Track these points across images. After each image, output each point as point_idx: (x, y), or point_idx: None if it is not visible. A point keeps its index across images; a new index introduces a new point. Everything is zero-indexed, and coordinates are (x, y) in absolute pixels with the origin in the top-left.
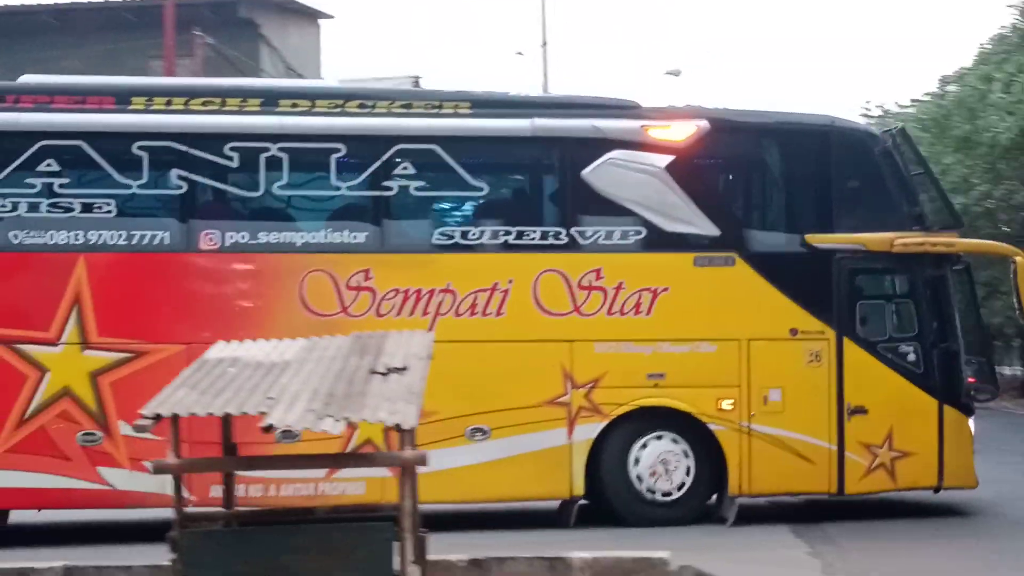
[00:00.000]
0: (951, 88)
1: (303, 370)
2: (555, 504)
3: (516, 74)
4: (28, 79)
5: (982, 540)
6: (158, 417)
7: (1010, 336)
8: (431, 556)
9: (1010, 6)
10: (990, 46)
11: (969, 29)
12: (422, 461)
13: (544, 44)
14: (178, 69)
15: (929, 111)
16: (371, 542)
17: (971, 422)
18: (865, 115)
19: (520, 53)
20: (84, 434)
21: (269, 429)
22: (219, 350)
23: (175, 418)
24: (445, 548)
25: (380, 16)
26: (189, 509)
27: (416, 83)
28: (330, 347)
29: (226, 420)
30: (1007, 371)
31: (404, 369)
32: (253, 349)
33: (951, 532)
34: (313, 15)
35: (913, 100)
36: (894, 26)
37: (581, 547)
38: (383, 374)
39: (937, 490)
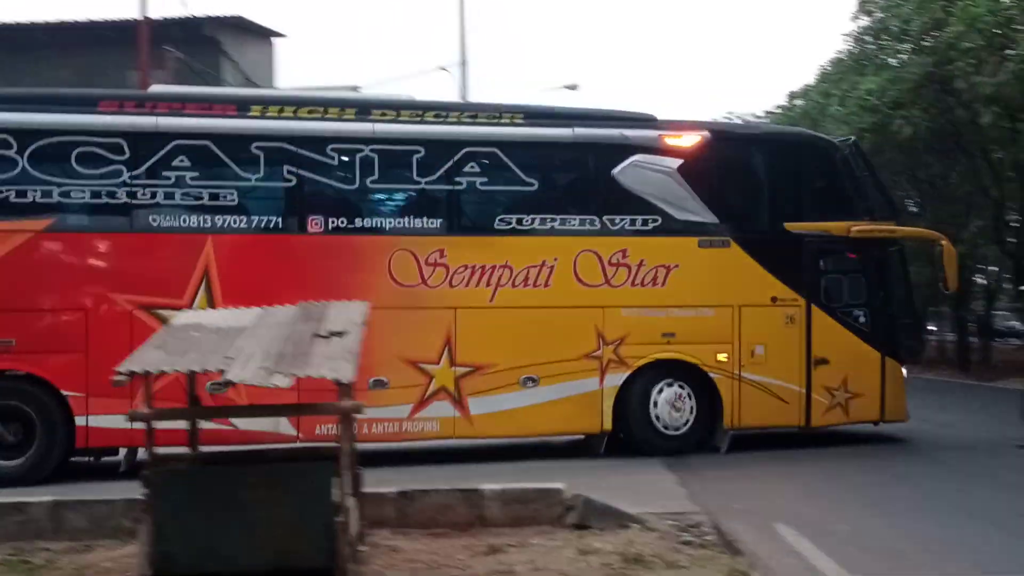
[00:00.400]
0: (798, 102)
1: (257, 334)
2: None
3: (442, 86)
4: (157, 88)
5: (828, 477)
6: (132, 374)
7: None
8: (366, 489)
9: (845, 35)
10: (829, 67)
11: (812, 53)
12: (358, 410)
13: (463, 63)
14: (151, 80)
15: (780, 121)
16: (314, 478)
17: (904, 370)
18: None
19: (444, 68)
20: (212, 384)
21: (227, 384)
22: (184, 317)
23: (147, 374)
24: (376, 483)
25: (325, 34)
26: (160, 451)
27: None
28: (280, 314)
29: (191, 376)
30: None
31: (343, 333)
32: (214, 316)
33: (803, 470)
34: (267, 34)
35: (766, 111)
36: (752, 46)
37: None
38: (325, 337)
39: (877, 423)
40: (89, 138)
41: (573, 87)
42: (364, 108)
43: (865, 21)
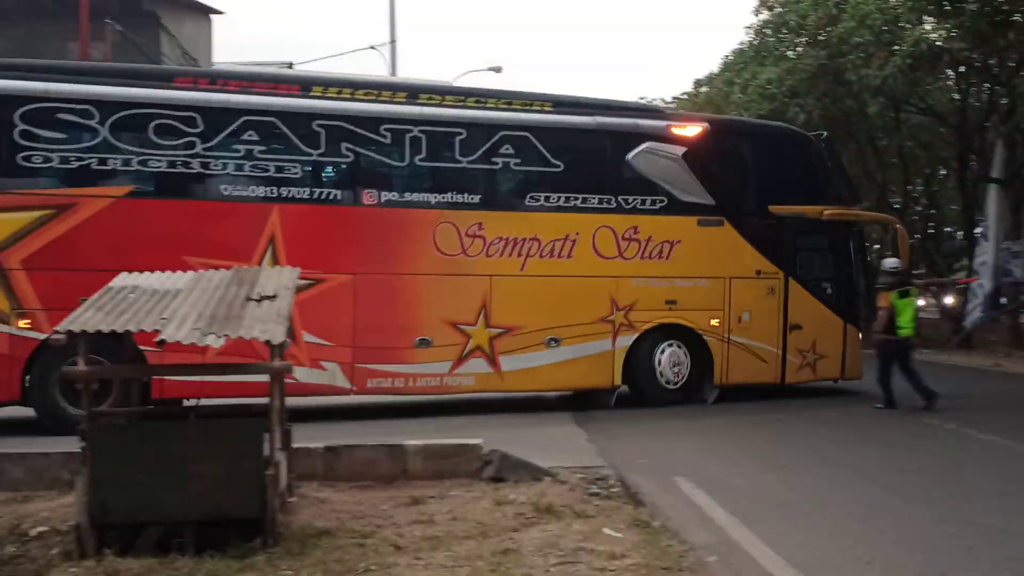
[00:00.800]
0: (703, 89)
1: (191, 297)
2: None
3: (373, 64)
4: (221, 66)
5: (726, 435)
6: (70, 333)
7: None
8: (295, 444)
9: (747, 28)
10: (732, 57)
11: (717, 43)
12: (288, 370)
13: (392, 41)
14: (91, 52)
15: (686, 107)
16: (246, 434)
17: (859, 335)
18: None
19: (373, 47)
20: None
21: (162, 344)
22: (121, 280)
23: (84, 334)
24: (306, 438)
25: (261, 11)
26: (100, 408)
27: (289, 68)
28: (214, 278)
29: (127, 335)
30: None
31: (274, 297)
32: (150, 279)
33: (702, 427)
34: (206, 10)
35: (674, 97)
36: (661, 35)
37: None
38: (257, 301)
39: (837, 380)
40: (166, 111)
41: (498, 69)
42: (413, 92)
43: (766, 15)
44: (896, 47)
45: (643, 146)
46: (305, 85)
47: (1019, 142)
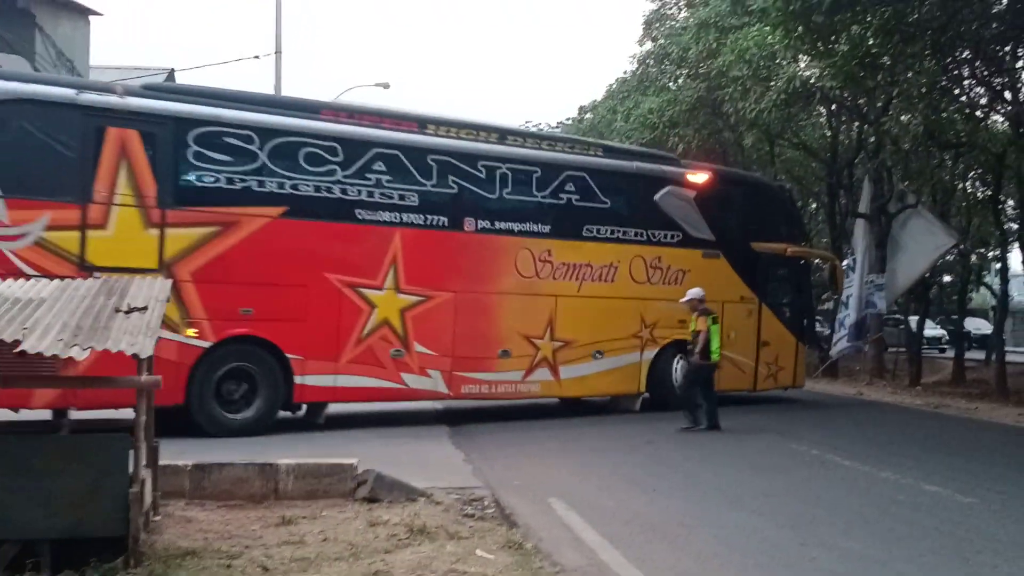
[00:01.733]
0: (587, 115)
1: (56, 306)
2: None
3: (256, 72)
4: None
5: (600, 457)
6: None
7: None
8: (162, 462)
9: (631, 56)
10: (616, 85)
11: (601, 71)
12: (157, 385)
13: (278, 52)
14: None
15: (571, 132)
16: (110, 450)
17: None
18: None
19: (257, 57)
20: (394, 350)
21: (23, 354)
22: None
23: None
24: (175, 455)
25: (142, 15)
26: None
27: (171, 75)
28: (81, 288)
29: None
30: None
31: (144, 309)
32: (13, 287)
33: (576, 449)
34: (84, 11)
35: (559, 122)
36: (549, 60)
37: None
38: (126, 312)
39: (787, 388)
40: (314, 140)
41: (385, 85)
42: (503, 135)
43: (649, 46)
44: (772, 83)
45: (666, 189)
46: (422, 123)
47: (884, 179)
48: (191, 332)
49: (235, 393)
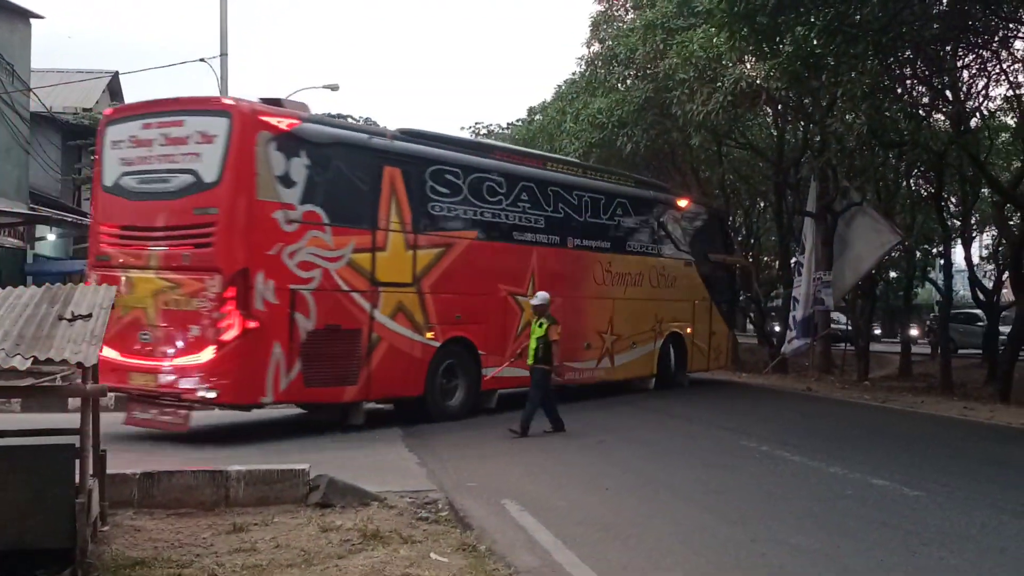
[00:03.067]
0: (537, 116)
1: None
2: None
3: (202, 76)
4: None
5: (552, 456)
6: None
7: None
8: (110, 470)
9: (579, 58)
10: (564, 87)
11: (550, 73)
12: (102, 393)
13: (223, 54)
14: None
15: (520, 133)
16: (54, 459)
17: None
18: (475, 133)
19: (202, 59)
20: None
21: None
22: None
23: None
24: (124, 464)
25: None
26: None
27: (115, 78)
28: (23, 296)
29: None
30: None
31: (89, 316)
32: None
33: (529, 449)
34: (25, 14)
35: (509, 123)
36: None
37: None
38: (69, 320)
39: (710, 369)
40: (492, 176)
41: (334, 88)
42: (583, 168)
43: (597, 48)
44: (718, 84)
45: (668, 213)
46: (543, 160)
47: (830, 178)
48: (429, 335)
49: (447, 385)
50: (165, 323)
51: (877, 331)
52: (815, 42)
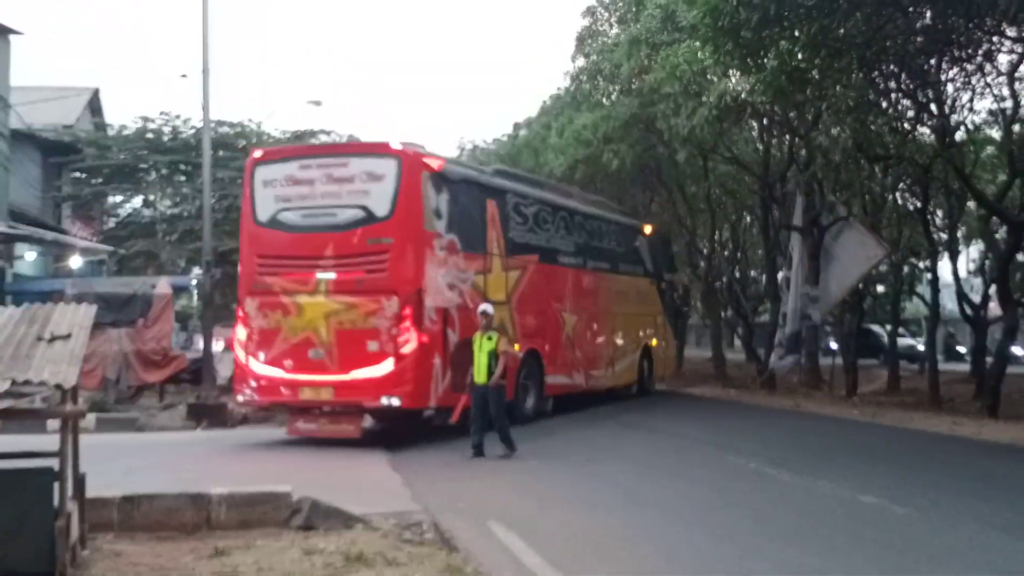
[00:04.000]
0: (522, 132)
1: None
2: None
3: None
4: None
5: (538, 476)
6: None
7: None
8: (89, 494)
9: (564, 73)
10: (550, 102)
11: (536, 88)
12: (82, 415)
13: (205, 71)
14: None
15: (506, 148)
16: (33, 483)
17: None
18: (461, 148)
19: (184, 76)
20: (570, 355)
21: None
22: None
23: None
24: (102, 487)
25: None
26: None
27: (96, 95)
28: (2, 316)
29: None
30: None
31: (68, 336)
32: None
33: (514, 469)
34: (3, 30)
35: (495, 139)
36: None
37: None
38: (48, 341)
39: (663, 376)
40: (545, 206)
41: (318, 103)
42: (591, 201)
43: (582, 63)
44: (704, 98)
45: (639, 238)
46: (566, 193)
47: (816, 192)
48: (517, 346)
49: (523, 391)
50: (339, 341)
51: (833, 346)
52: (799, 56)
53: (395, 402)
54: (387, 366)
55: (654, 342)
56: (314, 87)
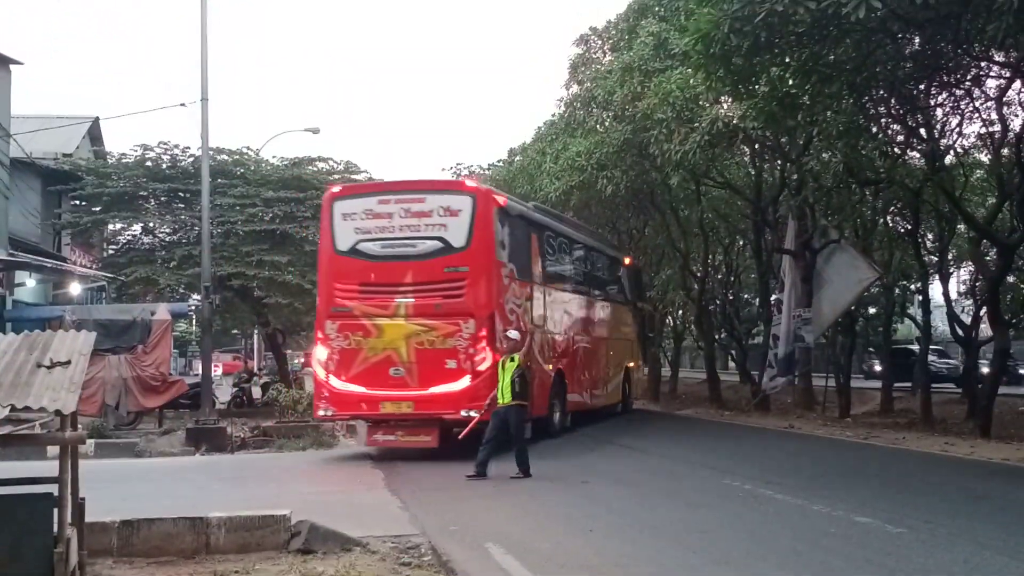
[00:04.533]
0: (517, 158)
1: None
2: None
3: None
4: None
5: (535, 498)
6: None
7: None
8: (88, 519)
9: (558, 100)
10: (544, 128)
11: (530, 114)
12: (81, 440)
13: (204, 99)
14: None
15: (501, 174)
16: (32, 508)
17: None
18: (456, 173)
19: (183, 104)
20: (582, 377)
21: None
22: None
23: None
24: (102, 512)
25: (66, 64)
26: None
27: (96, 123)
28: (1, 343)
29: None
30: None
31: (68, 363)
32: None
33: (512, 491)
34: (4, 60)
35: (490, 164)
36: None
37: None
38: (48, 367)
39: (635, 397)
40: (563, 238)
41: (315, 131)
42: (589, 231)
43: (576, 89)
44: (696, 124)
45: (623, 266)
46: (577, 227)
47: (808, 215)
48: (549, 366)
49: (552, 408)
50: (419, 359)
51: (878, 367)
52: (791, 82)
53: (474, 413)
54: (464, 382)
55: (632, 364)
56: (311, 115)
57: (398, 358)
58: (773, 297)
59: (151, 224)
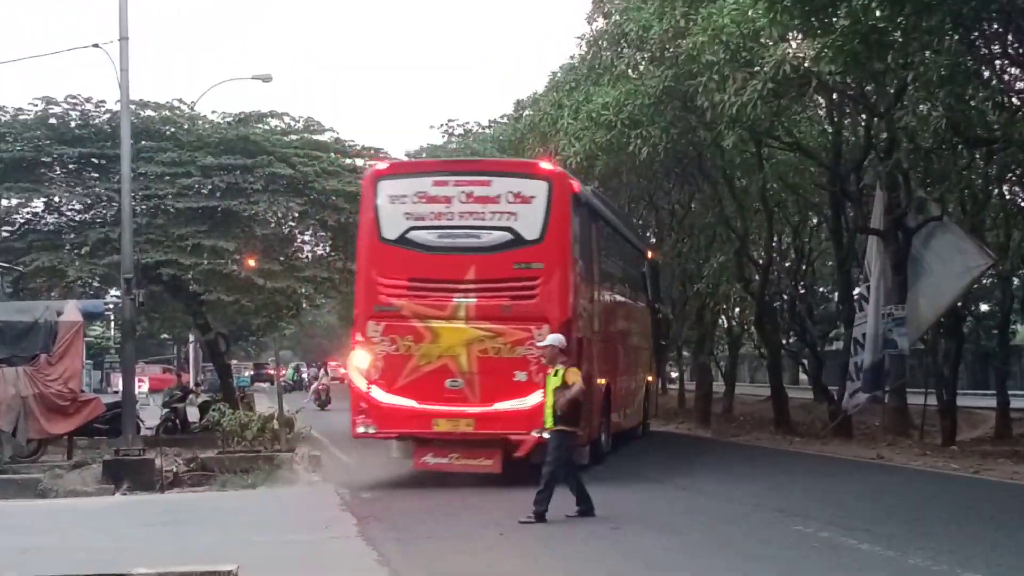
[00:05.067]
0: (527, 112)
1: None
2: None
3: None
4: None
5: (551, 548)
6: None
7: None
8: None
9: (579, 37)
10: (560, 74)
11: (543, 57)
12: None
13: (123, 38)
14: None
15: (506, 133)
16: None
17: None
18: (448, 132)
19: (97, 45)
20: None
21: None
22: None
23: None
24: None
25: None
26: None
27: None
28: None
29: None
30: None
31: None
32: None
33: (525, 537)
34: None
35: (491, 121)
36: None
37: None
38: None
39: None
40: (610, 230)
41: (267, 79)
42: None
43: (601, 24)
44: (756, 69)
45: (646, 261)
46: (619, 213)
47: (901, 186)
48: (602, 380)
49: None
50: (481, 370)
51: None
52: (878, 14)
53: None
54: (536, 397)
55: (650, 378)
56: (263, 60)
57: (456, 368)
58: (856, 291)
59: (56, 199)
